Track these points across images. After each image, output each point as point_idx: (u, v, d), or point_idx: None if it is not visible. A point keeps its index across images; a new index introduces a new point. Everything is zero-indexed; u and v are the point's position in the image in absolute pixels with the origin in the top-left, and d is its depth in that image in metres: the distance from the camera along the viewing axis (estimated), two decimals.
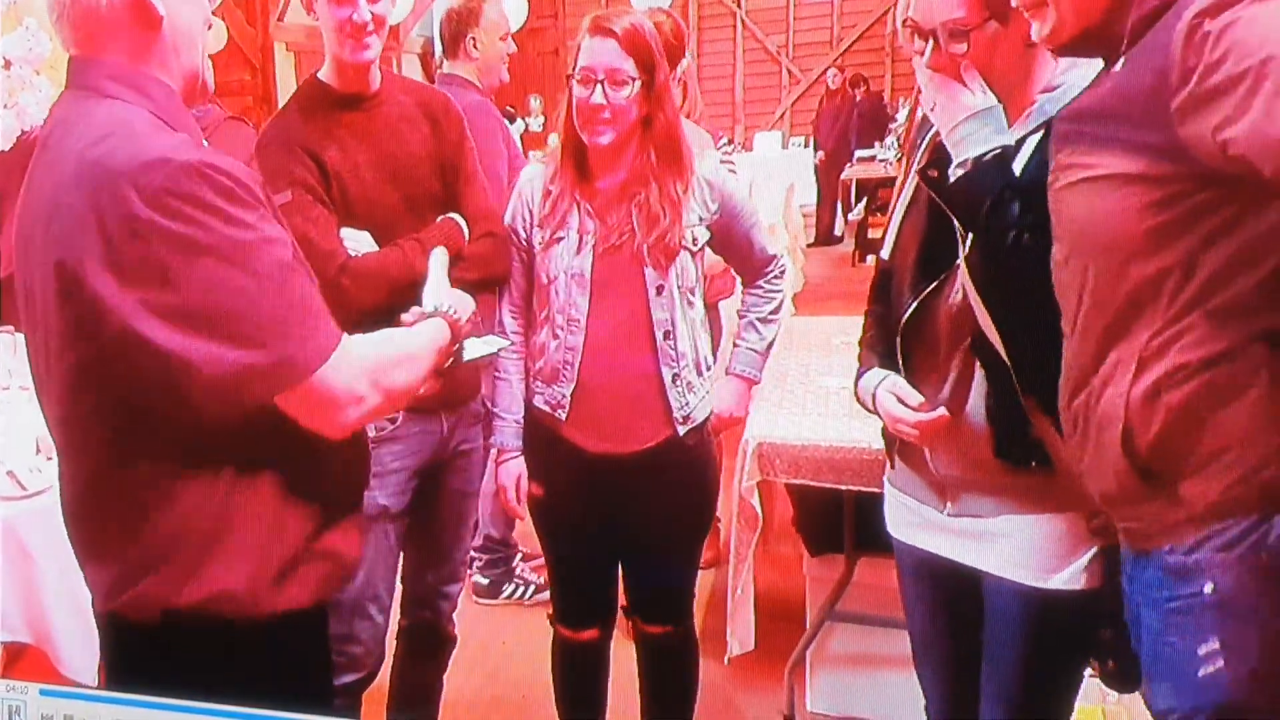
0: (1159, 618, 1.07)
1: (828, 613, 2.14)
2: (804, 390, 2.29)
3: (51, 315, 1.00)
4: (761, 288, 1.78)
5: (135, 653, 1.08)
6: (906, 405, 1.33)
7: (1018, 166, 1.22)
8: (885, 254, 1.41)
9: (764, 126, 9.46)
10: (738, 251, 1.74)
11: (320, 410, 1.02)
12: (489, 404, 1.76)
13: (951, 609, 1.44)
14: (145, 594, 1.04)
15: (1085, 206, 1.05)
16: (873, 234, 7.31)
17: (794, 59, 10.15)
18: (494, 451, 1.76)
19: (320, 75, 1.62)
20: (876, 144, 8.23)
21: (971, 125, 1.22)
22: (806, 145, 9.08)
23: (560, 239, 1.63)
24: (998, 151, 1.21)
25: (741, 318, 1.80)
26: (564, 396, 1.66)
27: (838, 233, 8.46)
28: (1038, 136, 1.22)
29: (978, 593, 1.39)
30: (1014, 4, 1.15)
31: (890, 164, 7.62)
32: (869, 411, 1.43)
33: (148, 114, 1.03)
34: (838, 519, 2.09)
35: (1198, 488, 1.02)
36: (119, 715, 1.05)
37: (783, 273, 1.79)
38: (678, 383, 1.66)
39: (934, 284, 1.31)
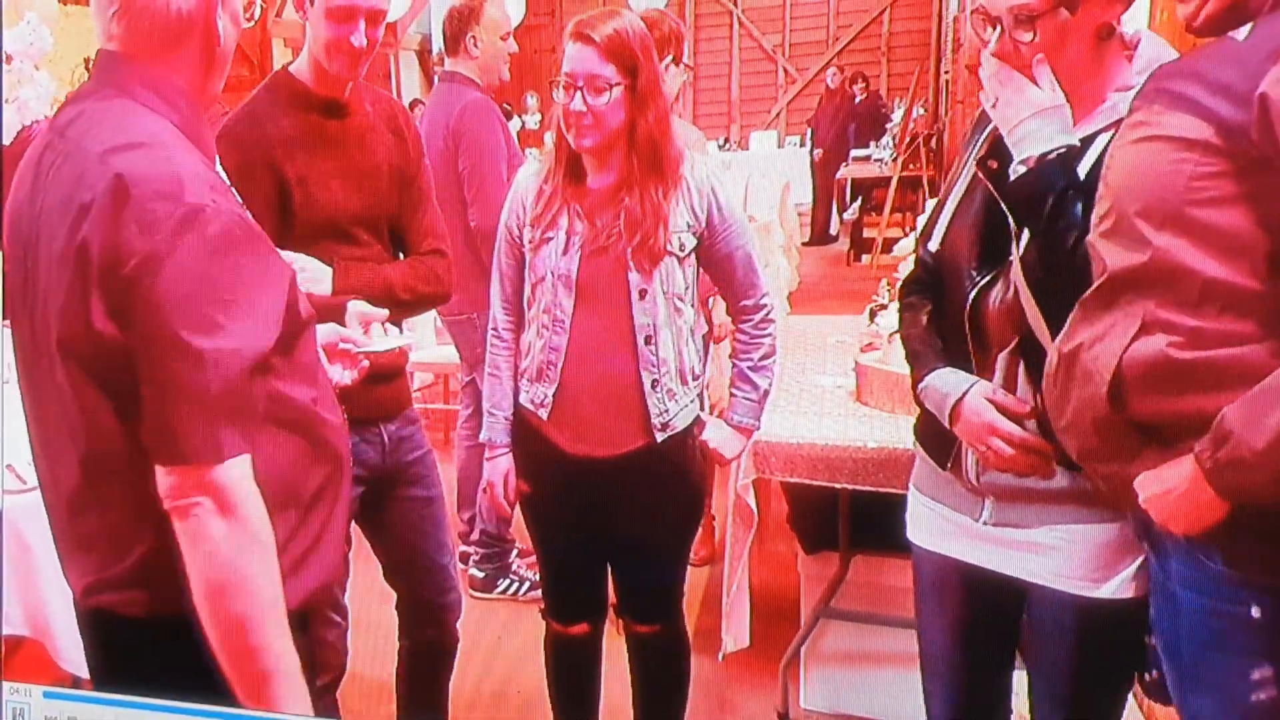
0: (1202, 623, 1.06)
1: (822, 610, 2.15)
2: (799, 389, 2.30)
3: (56, 305, 0.99)
4: (747, 332, 1.73)
5: (121, 648, 1.07)
6: (1010, 414, 1.25)
7: (1085, 166, 1.18)
8: (934, 245, 1.36)
9: (760, 125, 9.46)
10: (721, 268, 1.69)
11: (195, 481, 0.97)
12: (482, 400, 1.77)
13: (977, 620, 1.41)
14: (135, 594, 1.03)
15: (1139, 164, 1.03)
16: (868, 233, 7.33)
17: (790, 58, 10.14)
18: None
19: (294, 71, 1.59)
20: (872, 143, 8.24)
21: (1035, 123, 1.17)
22: (803, 144, 9.07)
23: (549, 239, 1.64)
24: (1062, 150, 1.17)
25: (733, 365, 1.77)
26: (546, 396, 1.67)
27: (833, 232, 8.46)
28: (1108, 136, 1.17)
29: (1011, 603, 1.36)
30: None
31: (885, 164, 7.63)
32: (924, 409, 1.36)
33: (173, 128, 1.02)
34: (832, 517, 2.10)
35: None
36: (122, 717, 1.05)
37: (771, 317, 1.74)
38: (657, 388, 1.65)
39: (987, 279, 1.27)
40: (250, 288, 0.98)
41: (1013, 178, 1.20)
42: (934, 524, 1.41)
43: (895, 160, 7.35)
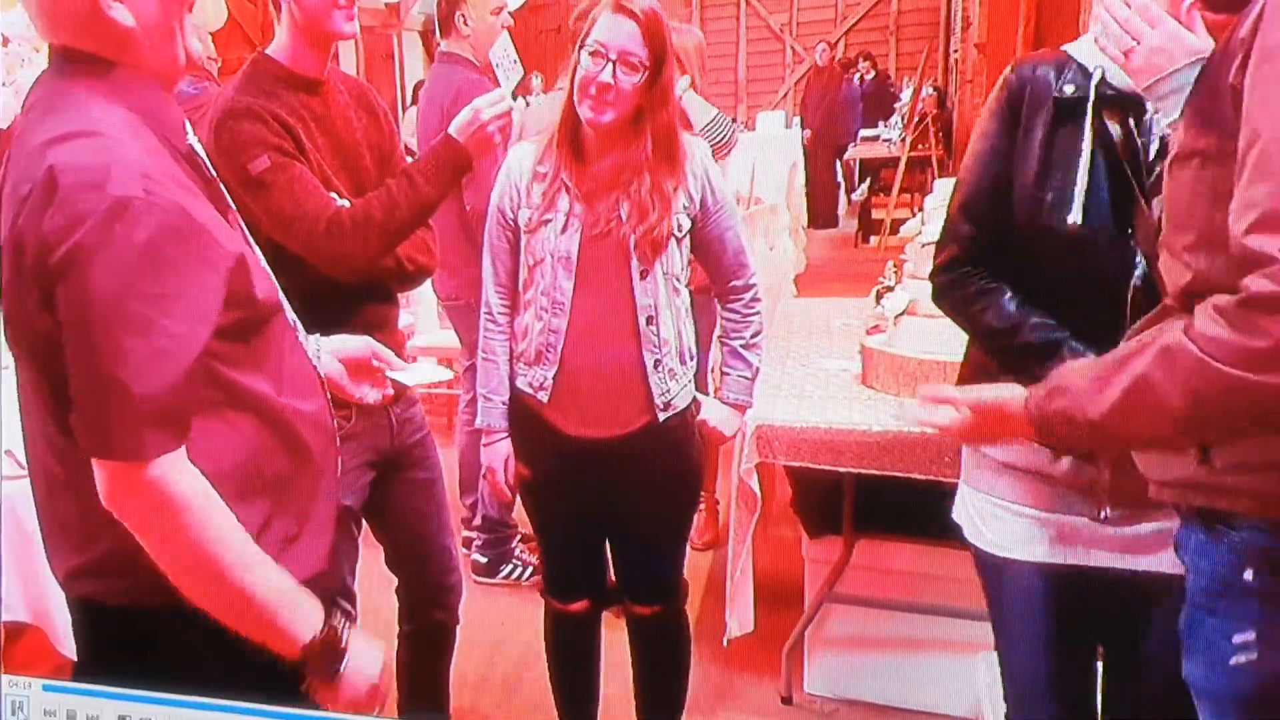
0: (1201, 591, 1.06)
1: (826, 595, 2.14)
2: (804, 372, 2.28)
3: (6, 296, 0.98)
4: (737, 310, 1.73)
5: (107, 637, 1.06)
6: None
7: None
8: (1075, 217, 1.24)
9: (767, 106, 9.38)
10: (711, 249, 1.69)
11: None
12: (476, 386, 1.76)
13: (1080, 626, 1.35)
14: (114, 582, 1.02)
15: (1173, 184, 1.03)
16: (876, 215, 7.27)
17: (797, 37, 10.06)
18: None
19: (272, 54, 1.57)
20: (880, 123, 8.15)
21: (1190, 74, 1.05)
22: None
23: (548, 221, 1.62)
24: None
25: (724, 345, 1.77)
26: (546, 379, 1.66)
27: (839, 213, 8.36)
28: None
29: (1135, 601, 1.29)
30: None
31: (894, 144, 7.55)
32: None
33: (126, 113, 0.99)
34: (837, 501, 2.09)
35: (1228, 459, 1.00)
36: (121, 710, 1.05)
37: (759, 296, 1.75)
38: (659, 369, 1.65)
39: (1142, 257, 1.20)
40: (184, 281, 0.94)
41: (1160, 131, 1.13)
42: (1033, 533, 1.33)
43: (904, 140, 7.28)
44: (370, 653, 1.06)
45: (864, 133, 8.20)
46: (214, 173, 1.07)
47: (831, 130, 8.13)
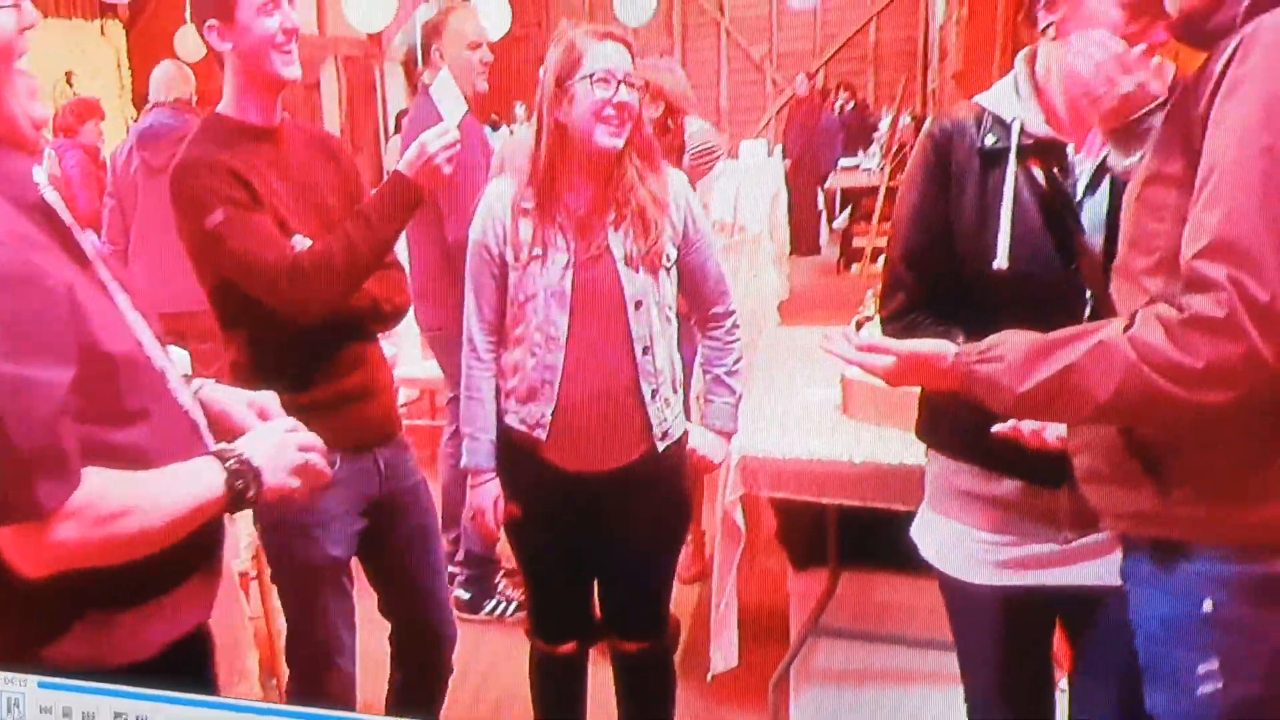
0: (1157, 623, 1.07)
1: (811, 628, 2.12)
2: (787, 402, 2.28)
3: None
4: (719, 338, 1.75)
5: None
6: None
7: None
8: (1001, 263, 1.30)
9: (749, 134, 9.48)
10: (694, 277, 1.71)
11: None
12: (460, 425, 1.74)
13: (1038, 643, 1.41)
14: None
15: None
16: (858, 242, 7.33)
17: (778, 68, 10.20)
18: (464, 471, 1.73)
19: (221, 110, 1.57)
20: (860, 152, 8.24)
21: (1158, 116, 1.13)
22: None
23: (537, 256, 1.62)
24: None
25: (706, 373, 1.78)
26: (543, 415, 1.64)
27: (820, 242, 8.42)
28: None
29: (1090, 611, 1.34)
30: None
31: (873, 173, 7.63)
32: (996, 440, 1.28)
33: None
34: (821, 533, 2.08)
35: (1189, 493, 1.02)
36: (117, 706, 1.03)
37: (738, 323, 1.77)
38: (656, 398, 1.65)
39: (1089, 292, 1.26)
40: (29, 329, 0.92)
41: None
42: (994, 558, 1.38)
43: (883, 169, 7.36)
44: (269, 441, 1.10)
45: (844, 161, 8.30)
46: (70, 222, 1.03)
47: (812, 159, 8.21)
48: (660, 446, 1.66)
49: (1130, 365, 0.95)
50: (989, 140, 1.32)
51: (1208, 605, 1.02)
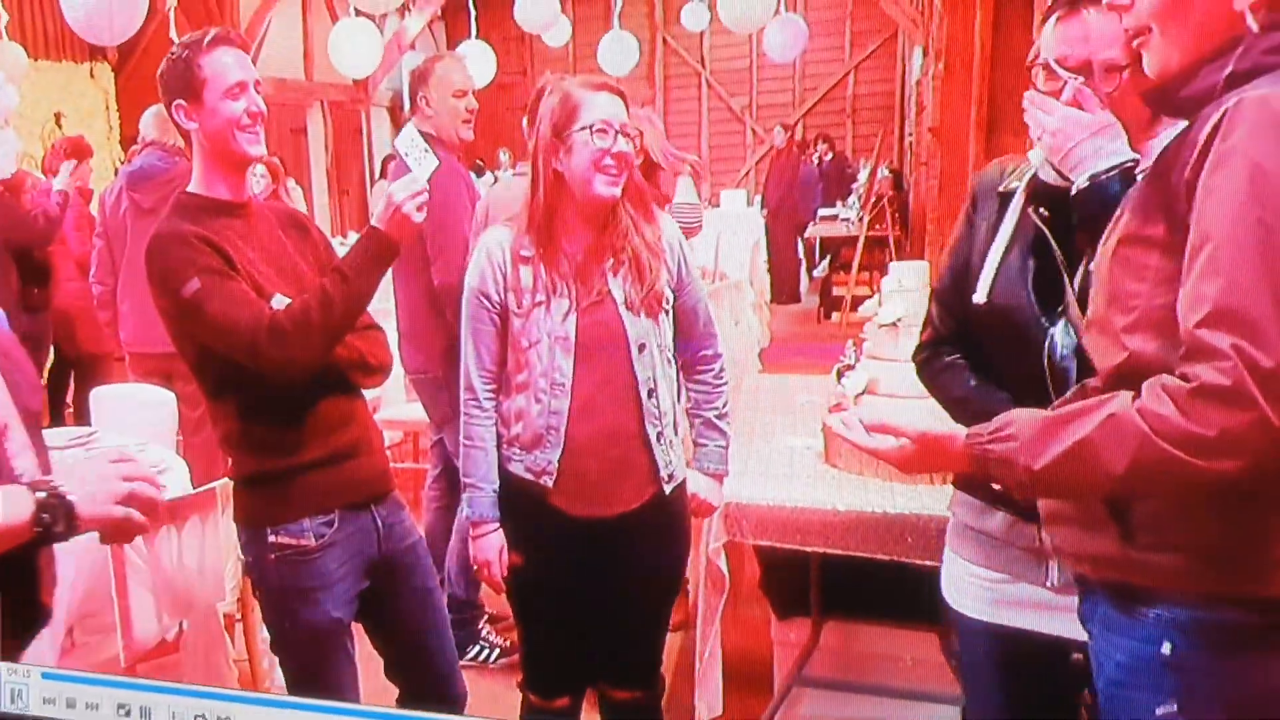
0: (1115, 665, 1.08)
1: (795, 679, 2.12)
2: (769, 450, 2.30)
3: None
4: (708, 381, 1.78)
5: None
6: None
7: None
8: (980, 298, 1.35)
9: (730, 184, 9.62)
10: (686, 320, 1.74)
11: None
12: (461, 475, 1.73)
13: (1042, 694, 1.39)
14: None
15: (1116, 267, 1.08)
16: (837, 291, 7.42)
17: (758, 119, 10.38)
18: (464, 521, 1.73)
19: (191, 189, 1.60)
20: (839, 203, 8.38)
21: (1093, 143, 1.22)
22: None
23: (540, 303, 1.63)
24: (1126, 165, 1.20)
25: (696, 417, 1.79)
26: (550, 462, 1.64)
27: (801, 290, 8.51)
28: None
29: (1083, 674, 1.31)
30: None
31: (852, 223, 7.75)
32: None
33: None
34: (804, 581, 2.09)
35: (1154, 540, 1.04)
36: (120, 698, 1.02)
37: (725, 367, 1.79)
38: (662, 440, 1.66)
39: (1060, 324, 1.29)
40: None
41: (1074, 192, 1.24)
42: (986, 593, 1.39)
43: (861, 220, 7.48)
44: (90, 472, 1.05)
45: (823, 211, 8.42)
46: None
47: (792, 209, 8.33)
48: (667, 489, 1.68)
49: (1143, 437, 0.96)
50: (1011, 184, 1.38)
51: (1166, 648, 1.03)
